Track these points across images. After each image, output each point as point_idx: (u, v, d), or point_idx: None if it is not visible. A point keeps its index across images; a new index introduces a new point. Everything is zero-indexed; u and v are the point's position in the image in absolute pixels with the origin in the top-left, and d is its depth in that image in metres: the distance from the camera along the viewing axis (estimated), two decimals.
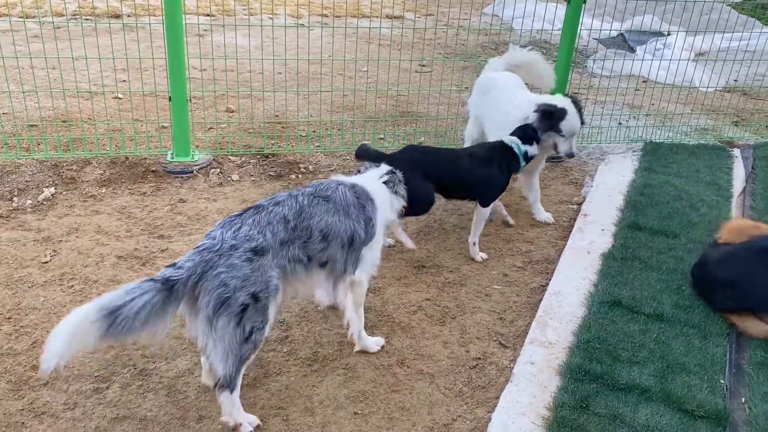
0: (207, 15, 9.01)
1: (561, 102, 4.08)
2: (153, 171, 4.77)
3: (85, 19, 8.11)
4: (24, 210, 4.16)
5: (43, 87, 5.58)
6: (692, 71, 7.45)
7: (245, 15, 9.25)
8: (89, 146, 4.95)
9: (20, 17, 7.60)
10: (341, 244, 2.77)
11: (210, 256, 2.43)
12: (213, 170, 4.85)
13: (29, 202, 4.24)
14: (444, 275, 3.79)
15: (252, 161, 5.05)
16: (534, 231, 4.37)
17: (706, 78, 7.55)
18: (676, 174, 5.15)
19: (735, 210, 4.66)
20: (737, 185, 5.10)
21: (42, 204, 4.24)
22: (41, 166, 4.67)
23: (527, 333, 3.25)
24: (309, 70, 6.43)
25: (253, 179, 4.81)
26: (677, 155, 5.57)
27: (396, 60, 6.03)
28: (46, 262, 3.63)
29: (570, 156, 4.15)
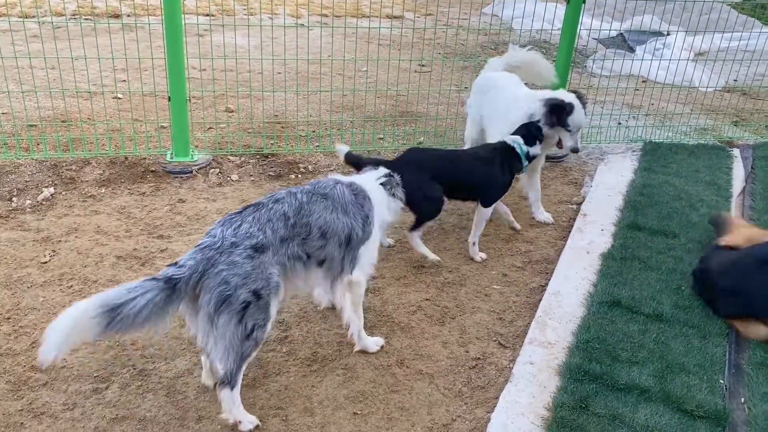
0: (207, 15, 9.01)
1: (567, 97, 4.06)
2: (152, 171, 4.77)
3: (85, 19, 8.11)
4: (23, 210, 4.16)
5: (43, 87, 5.58)
6: (692, 71, 7.45)
7: (245, 15, 9.25)
8: (88, 146, 4.95)
9: (20, 17, 7.60)
10: (339, 242, 2.77)
11: (211, 254, 2.43)
12: (212, 170, 4.85)
13: (28, 202, 4.24)
14: (443, 275, 3.79)
15: (251, 161, 5.05)
16: (533, 231, 4.37)
17: (706, 78, 7.55)
18: (676, 174, 5.15)
19: (734, 210, 4.66)
20: (737, 185, 5.10)
21: (41, 204, 4.24)
22: (40, 166, 4.67)
23: (527, 333, 3.25)
24: (308, 70, 6.43)
25: (253, 179, 4.81)
26: (677, 155, 5.57)
27: (396, 60, 6.02)
28: (46, 263, 3.62)
29: (575, 151, 4.15)
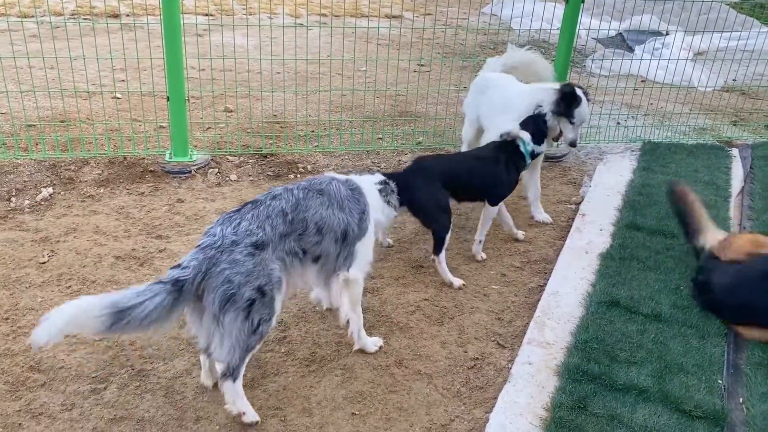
0: (206, 14, 9.01)
1: (576, 90, 4.02)
2: (151, 171, 4.77)
3: (84, 19, 8.12)
4: (22, 210, 4.16)
5: (42, 87, 5.57)
6: (691, 71, 7.45)
7: (244, 15, 9.24)
8: (87, 146, 4.95)
9: (18, 17, 7.60)
10: (335, 238, 2.79)
11: (212, 253, 2.44)
12: (211, 170, 4.84)
13: (27, 203, 4.24)
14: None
15: (250, 161, 5.05)
16: (532, 231, 4.37)
17: (705, 77, 7.55)
18: (675, 174, 5.15)
19: (733, 210, 4.66)
20: (736, 185, 5.10)
21: (40, 204, 4.24)
22: (39, 166, 4.67)
23: (525, 333, 3.25)
24: (308, 70, 6.43)
25: (252, 179, 4.81)
26: (676, 155, 5.57)
27: (395, 60, 6.02)
28: (44, 263, 3.62)
29: (572, 145, 4.13)
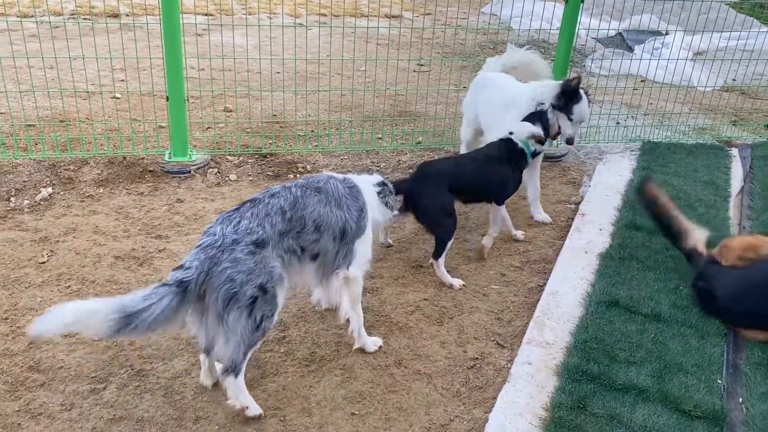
0: (205, 14, 9.00)
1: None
2: (150, 171, 4.76)
3: (83, 19, 8.12)
4: (21, 210, 4.16)
5: (41, 87, 5.57)
6: (690, 70, 7.45)
7: (244, 14, 9.24)
8: (87, 146, 4.94)
9: (18, 17, 7.59)
10: (333, 236, 2.79)
11: (213, 253, 2.45)
12: (211, 170, 4.84)
13: (26, 202, 4.24)
14: None
15: (250, 161, 5.05)
16: (532, 231, 4.37)
17: (705, 77, 7.54)
18: (674, 173, 5.15)
19: (733, 209, 4.66)
20: (735, 185, 5.10)
21: (39, 204, 4.24)
22: (39, 166, 4.66)
23: (524, 333, 3.25)
24: (307, 70, 6.43)
25: (251, 179, 4.81)
26: (675, 155, 5.57)
27: (394, 59, 6.02)
28: (44, 263, 3.62)
29: (570, 142, 4.13)
